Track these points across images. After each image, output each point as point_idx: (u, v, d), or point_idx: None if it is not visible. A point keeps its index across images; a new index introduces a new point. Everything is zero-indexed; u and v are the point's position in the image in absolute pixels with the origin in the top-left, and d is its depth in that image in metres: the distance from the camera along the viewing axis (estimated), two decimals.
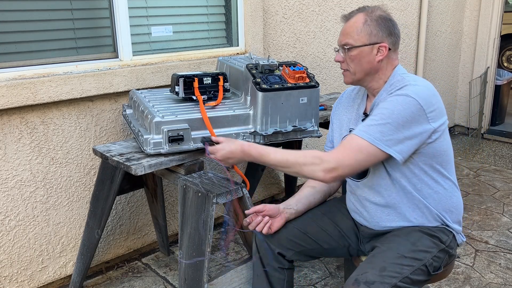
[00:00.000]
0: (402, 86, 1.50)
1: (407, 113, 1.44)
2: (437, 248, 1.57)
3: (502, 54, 7.65)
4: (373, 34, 1.54)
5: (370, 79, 1.61)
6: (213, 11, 2.77)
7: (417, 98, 1.45)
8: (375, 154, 1.46)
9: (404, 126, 1.45)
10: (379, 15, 1.56)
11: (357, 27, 1.55)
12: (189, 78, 2.03)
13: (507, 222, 3.03)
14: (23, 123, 2.10)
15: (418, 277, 1.49)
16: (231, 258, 2.68)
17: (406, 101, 1.45)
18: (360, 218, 1.71)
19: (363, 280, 1.40)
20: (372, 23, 1.55)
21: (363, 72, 1.59)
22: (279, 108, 2.00)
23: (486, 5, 4.60)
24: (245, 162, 3.05)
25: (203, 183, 1.81)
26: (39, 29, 2.16)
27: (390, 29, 1.56)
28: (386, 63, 1.58)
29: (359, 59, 1.57)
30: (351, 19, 1.59)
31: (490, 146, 4.64)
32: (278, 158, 1.53)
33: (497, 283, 2.39)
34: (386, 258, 1.48)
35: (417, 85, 1.49)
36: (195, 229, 1.78)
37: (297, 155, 1.51)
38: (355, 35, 1.55)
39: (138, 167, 1.76)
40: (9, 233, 2.17)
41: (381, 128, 1.45)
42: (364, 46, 1.55)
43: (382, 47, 1.55)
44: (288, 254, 1.72)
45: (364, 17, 1.56)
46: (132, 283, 2.45)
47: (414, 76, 1.57)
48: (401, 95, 1.47)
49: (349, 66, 1.60)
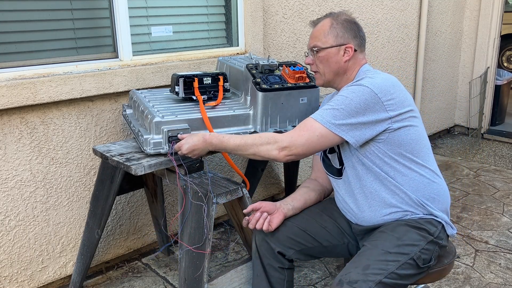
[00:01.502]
0: (360, 79, 1.59)
1: (361, 100, 1.52)
2: (425, 241, 1.56)
3: (502, 54, 7.65)
4: (339, 36, 1.67)
5: (339, 80, 1.72)
6: (213, 11, 2.77)
7: (372, 87, 1.53)
8: (327, 136, 1.54)
9: (358, 112, 1.52)
10: (344, 19, 1.68)
11: (324, 30, 1.68)
12: (189, 78, 2.03)
13: (507, 222, 3.03)
14: (23, 123, 2.11)
15: (406, 271, 1.49)
16: (231, 258, 2.68)
17: (360, 90, 1.53)
18: (349, 215, 1.73)
19: (346, 280, 1.42)
20: (338, 26, 1.67)
21: (331, 73, 1.70)
22: (279, 108, 2.00)
23: (486, 5, 4.60)
24: (245, 162, 3.05)
25: (203, 183, 1.81)
26: (39, 29, 2.16)
27: (355, 31, 1.68)
28: (353, 63, 1.69)
29: (327, 60, 1.68)
30: (319, 24, 1.71)
31: (490, 146, 4.64)
32: (237, 142, 1.61)
33: (497, 283, 2.39)
34: (370, 256, 1.49)
35: (374, 78, 1.57)
36: (195, 229, 1.78)
37: (254, 137, 1.59)
38: (323, 37, 1.68)
39: (138, 167, 1.76)
40: (9, 233, 2.17)
41: (334, 112, 1.53)
42: (331, 47, 1.67)
43: (348, 48, 1.67)
44: (288, 253, 1.72)
45: (330, 21, 1.68)
46: (132, 283, 2.45)
47: (376, 72, 1.65)
48: (356, 85, 1.56)
49: (318, 67, 1.72)
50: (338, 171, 1.72)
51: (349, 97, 1.53)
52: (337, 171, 1.73)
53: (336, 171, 1.74)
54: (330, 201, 1.86)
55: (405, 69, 4.23)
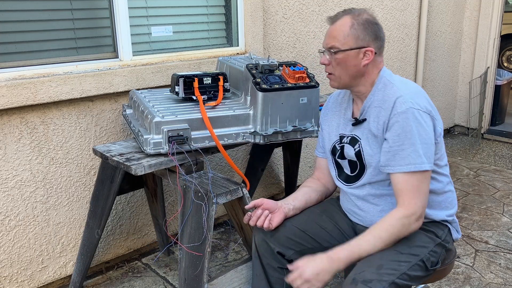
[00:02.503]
0: (398, 97, 1.52)
1: (421, 124, 1.49)
2: (433, 243, 1.58)
3: (502, 54, 7.65)
4: (360, 38, 1.55)
5: (356, 83, 1.62)
6: (213, 11, 2.77)
7: (421, 107, 1.50)
8: (429, 174, 1.51)
9: (428, 136, 1.50)
10: (365, 18, 1.56)
11: (343, 31, 1.56)
12: (189, 78, 2.03)
13: (507, 222, 3.03)
14: (23, 123, 2.11)
15: (416, 272, 1.50)
16: (231, 258, 2.68)
17: (415, 116, 1.49)
18: (355, 218, 1.73)
19: (361, 279, 1.41)
20: (359, 27, 1.55)
21: (348, 76, 1.59)
22: (279, 108, 2.00)
23: (486, 5, 4.60)
24: (245, 162, 3.05)
25: (203, 183, 1.81)
26: (39, 29, 2.16)
27: (376, 33, 1.57)
28: (372, 66, 1.59)
29: (345, 62, 1.57)
30: (337, 21, 1.58)
31: (490, 146, 4.64)
32: (371, 244, 1.48)
33: (497, 283, 2.39)
34: (382, 256, 1.48)
35: (411, 94, 1.52)
36: (195, 229, 1.78)
37: (386, 229, 1.48)
38: (342, 38, 1.56)
39: (138, 167, 1.76)
40: (9, 233, 2.17)
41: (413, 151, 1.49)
42: (350, 50, 1.56)
43: (369, 51, 1.56)
44: (288, 253, 1.72)
45: (351, 20, 1.56)
46: (132, 283, 2.45)
47: (401, 81, 1.60)
48: (406, 112, 1.49)
49: (334, 69, 1.60)
50: (350, 178, 1.69)
51: (413, 128, 1.49)
52: (347, 177, 1.70)
53: (346, 177, 1.71)
54: (331, 202, 1.85)
55: (405, 69, 4.23)
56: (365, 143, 1.62)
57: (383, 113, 1.55)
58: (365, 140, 1.62)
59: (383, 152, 1.54)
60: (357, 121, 1.64)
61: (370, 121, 1.60)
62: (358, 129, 1.65)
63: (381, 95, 1.58)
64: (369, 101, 1.61)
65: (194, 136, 1.89)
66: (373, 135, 1.59)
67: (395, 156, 1.51)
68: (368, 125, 1.61)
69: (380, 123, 1.56)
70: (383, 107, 1.55)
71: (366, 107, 1.62)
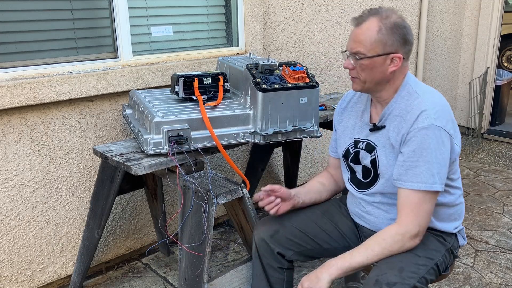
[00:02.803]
0: (423, 111, 1.46)
1: (440, 143, 1.45)
2: (444, 248, 1.58)
3: (502, 54, 7.65)
4: (388, 44, 1.46)
5: (380, 89, 1.55)
6: (213, 11, 2.77)
7: (442, 126, 1.45)
8: (437, 194, 1.48)
9: (443, 157, 1.46)
10: (394, 21, 1.46)
11: (370, 36, 1.46)
12: (189, 78, 2.03)
13: (507, 222, 3.03)
14: (23, 123, 2.10)
15: (431, 276, 1.50)
16: (231, 258, 2.68)
17: (435, 134, 1.44)
18: (362, 221, 1.71)
19: (385, 281, 1.40)
20: (387, 31, 1.45)
21: (374, 82, 1.52)
22: (279, 108, 2.00)
23: (486, 5, 4.60)
24: (245, 162, 3.05)
25: (203, 183, 1.81)
26: (39, 29, 2.16)
27: (405, 37, 1.48)
28: (398, 72, 1.52)
29: (370, 69, 1.49)
30: (363, 24, 1.48)
31: (490, 146, 4.64)
32: (363, 256, 1.48)
33: (497, 283, 2.39)
34: (402, 258, 1.47)
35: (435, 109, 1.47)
36: (195, 229, 1.78)
37: (379, 243, 1.47)
38: (368, 44, 1.46)
39: (138, 167, 1.76)
40: (9, 233, 2.17)
41: (427, 170, 1.44)
42: (377, 56, 1.47)
43: (396, 57, 1.48)
44: (288, 254, 1.71)
45: (378, 24, 1.46)
46: (132, 283, 2.45)
47: (426, 91, 1.53)
48: (427, 128, 1.44)
49: (359, 74, 1.52)
50: (362, 184, 1.66)
51: (431, 146, 1.44)
52: (359, 183, 1.67)
53: (358, 182, 1.67)
54: (333, 203, 1.85)
55: None
56: (381, 152, 1.57)
57: (404, 125, 1.49)
58: (381, 149, 1.57)
59: (397, 165, 1.50)
60: (375, 127, 1.58)
61: (389, 129, 1.55)
62: (374, 135, 1.60)
63: (404, 105, 1.51)
64: (390, 108, 1.55)
65: (194, 136, 1.89)
66: (391, 145, 1.54)
67: (408, 172, 1.46)
68: (386, 133, 1.55)
69: (399, 134, 1.50)
70: (405, 118, 1.49)
71: (386, 113, 1.56)
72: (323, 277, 1.48)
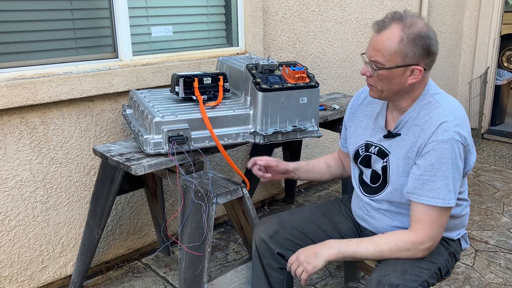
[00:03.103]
0: (443, 122, 1.42)
1: (458, 158, 1.41)
2: (447, 252, 1.58)
3: (502, 54, 7.65)
4: (409, 56, 1.38)
5: (398, 98, 1.49)
6: (213, 11, 2.77)
7: (462, 140, 1.41)
8: (451, 209, 1.46)
9: (459, 171, 1.44)
10: (418, 32, 1.38)
11: (390, 45, 1.38)
12: (189, 78, 2.03)
13: (507, 222, 3.03)
14: (23, 123, 2.10)
15: (433, 280, 1.50)
16: (231, 258, 2.68)
17: (454, 148, 1.40)
18: (365, 224, 1.70)
19: (387, 283, 1.39)
20: (409, 42, 1.37)
21: (392, 92, 1.46)
22: (279, 108, 2.00)
23: (486, 5, 4.60)
24: (245, 162, 3.05)
25: (203, 183, 1.81)
26: (39, 29, 2.16)
27: (428, 48, 1.39)
28: (418, 83, 1.46)
29: (388, 80, 1.43)
30: (385, 31, 1.39)
31: (490, 146, 4.64)
32: (370, 250, 1.47)
33: (497, 283, 2.39)
34: (405, 261, 1.47)
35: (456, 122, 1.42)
36: (195, 229, 1.78)
37: (388, 244, 1.46)
38: (387, 54, 1.39)
39: (138, 167, 1.76)
40: (9, 233, 2.17)
41: (444, 185, 1.41)
42: (396, 68, 1.40)
43: (417, 70, 1.41)
44: (288, 254, 1.71)
45: (400, 33, 1.37)
46: (132, 283, 2.45)
47: (446, 101, 1.48)
48: (447, 142, 1.40)
49: (376, 83, 1.46)
50: (369, 188, 1.63)
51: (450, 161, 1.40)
52: (366, 186, 1.64)
53: (365, 186, 1.64)
54: (333, 204, 1.85)
55: None
56: (393, 160, 1.53)
57: (422, 135, 1.44)
58: (394, 157, 1.53)
59: (412, 178, 1.45)
60: (390, 134, 1.54)
61: (404, 138, 1.50)
62: (388, 142, 1.55)
63: (424, 114, 1.46)
64: (408, 116, 1.50)
65: (194, 136, 1.89)
66: (405, 154, 1.49)
67: (424, 186, 1.42)
68: (401, 142, 1.51)
69: (416, 144, 1.46)
70: (424, 128, 1.44)
71: (403, 121, 1.51)
72: (321, 255, 1.48)
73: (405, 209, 1.55)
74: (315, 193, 3.48)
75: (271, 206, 3.31)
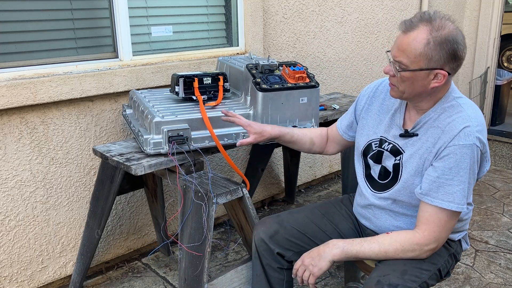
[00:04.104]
0: (466, 127, 1.39)
1: (476, 164, 1.41)
2: (447, 252, 1.58)
3: (502, 54, 7.65)
4: (434, 60, 1.35)
5: (420, 100, 1.47)
6: (213, 11, 2.77)
7: (482, 147, 1.41)
8: (460, 213, 1.45)
9: (474, 177, 1.44)
10: (445, 36, 1.34)
11: (416, 47, 1.35)
12: (189, 78, 2.03)
13: (507, 222, 3.03)
14: (23, 123, 2.10)
15: (432, 281, 1.50)
16: (231, 258, 2.68)
17: (474, 154, 1.39)
18: (367, 222, 1.70)
19: (386, 283, 1.39)
20: (435, 46, 1.34)
21: (413, 94, 1.44)
22: (279, 108, 2.00)
23: (486, 5, 4.60)
24: (245, 162, 3.05)
25: (203, 183, 1.81)
26: (39, 29, 2.16)
27: (455, 53, 1.36)
28: (443, 86, 1.43)
29: (411, 82, 1.40)
30: (412, 32, 1.36)
31: (490, 146, 4.64)
32: (374, 250, 1.47)
33: (497, 283, 2.39)
34: (405, 261, 1.47)
35: (478, 127, 1.41)
36: (195, 229, 1.78)
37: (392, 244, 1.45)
38: (412, 56, 1.36)
39: (138, 167, 1.76)
40: (9, 233, 2.17)
41: (461, 190, 1.40)
42: (420, 70, 1.38)
43: (441, 74, 1.37)
44: (288, 254, 1.71)
45: (427, 36, 1.34)
46: (132, 283, 2.45)
47: (469, 105, 1.46)
48: (468, 147, 1.38)
49: (398, 84, 1.44)
50: (376, 184, 1.61)
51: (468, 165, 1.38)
52: (374, 182, 1.62)
53: (373, 181, 1.63)
54: (333, 204, 1.84)
55: None
56: (407, 159, 1.50)
57: (443, 137, 1.42)
58: (408, 156, 1.50)
59: (427, 179, 1.43)
60: (406, 134, 1.51)
61: (422, 138, 1.48)
62: (404, 141, 1.53)
63: (446, 116, 1.44)
64: (427, 117, 1.47)
65: (194, 136, 1.89)
66: (421, 156, 1.47)
67: (440, 189, 1.40)
68: (418, 142, 1.49)
69: (435, 146, 1.43)
70: (445, 130, 1.42)
71: (422, 122, 1.48)
72: (326, 255, 1.48)
73: (409, 210, 1.55)
74: (315, 193, 3.48)
75: (271, 206, 3.31)
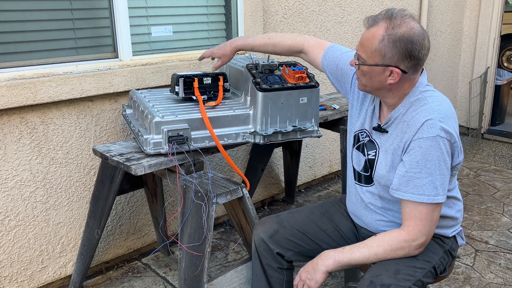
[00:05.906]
0: (428, 120, 1.41)
1: (444, 154, 1.41)
2: (442, 250, 1.58)
3: (502, 54, 7.65)
4: (387, 56, 1.39)
5: (382, 95, 1.51)
6: (213, 11, 2.77)
7: (447, 137, 1.41)
8: (441, 205, 1.46)
9: (447, 167, 1.43)
10: (401, 35, 1.37)
11: (372, 43, 1.40)
12: (189, 78, 2.03)
13: (507, 222, 3.03)
14: (23, 123, 2.10)
15: (428, 279, 1.50)
16: (231, 258, 2.68)
17: (439, 145, 1.40)
18: (360, 222, 1.71)
19: (379, 283, 1.40)
20: (389, 44, 1.37)
21: (374, 88, 1.49)
22: (279, 108, 2.00)
23: (486, 5, 4.60)
24: (245, 162, 3.05)
25: (203, 183, 1.81)
26: (39, 29, 2.16)
27: (409, 52, 1.38)
28: (402, 83, 1.45)
29: (369, 76, 1.45)
30: (372, 28, 1.41)
31: (490, 146, 4.64)
32: (365, 254, 1.48)
33: (497, 283, 2.39)
34: (398, 260, 1.47)
35: (442, 119, 1.41)
36: (195, 229, 1.78)
37: (381, 245, 1.47)
38: (369, 51, 1.41)
39: (138, 167, 1.76)
40: (9, 233, 2.17)
41: (429, 182, 1.41)
42: (375, 65, 1.42)
43: (395, 72, 1.40)
44: (287, 254, 1.72)
45: (382, 33, 1.38)
46: (132, 283, 2.45)
47: (435, 99, 1.47)
48: (432, 139, 1.40)
49: (360, 77, 1.49)
50: (361, 177, 1.63)
51: (434, 158, 1.39)
52: (359, 175, 1.64)
53: (358, 174, 1.64)
54: (333, 204, 1.85)
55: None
56: (382, 156, 1.54)
57: (408, 130, 1.45)
58: (383, 153, 1.54)
59: (398, 175, 1.46)
60: (378, 128, 1.55)
61: (392, 134, 1.51)
62: (378, 136, 1.57)
63: (412, 110, 1.47)
64: (397, 112, 1.50)
65: (194, 136, 1.89)
66: (393, 152, 1.50)
67: (409, 183, 1.43)
68: (389, 138, 1.52)
69: (402, 140, 1.47)
70: (410, 124, 1.45)
71: (392, 117, 1.51)
72: (319, 268, 1.51)
73: (394, 205, 1.56)
74: (315, 193, 3.48)
75: (271, 206, 3.31)
